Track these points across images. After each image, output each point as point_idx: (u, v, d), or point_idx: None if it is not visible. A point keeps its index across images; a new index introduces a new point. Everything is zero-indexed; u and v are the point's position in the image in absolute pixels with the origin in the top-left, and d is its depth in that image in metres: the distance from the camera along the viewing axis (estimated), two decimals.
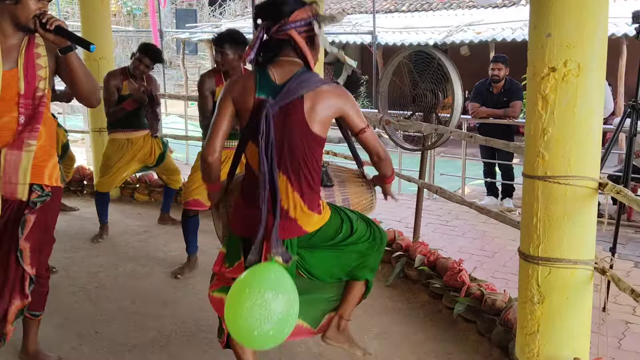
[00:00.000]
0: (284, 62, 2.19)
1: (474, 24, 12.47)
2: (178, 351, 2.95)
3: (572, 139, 2.20)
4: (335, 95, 2.20)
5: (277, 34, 2.16)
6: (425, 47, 4.27)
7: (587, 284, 2.31)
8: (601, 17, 2.15)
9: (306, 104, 2.15)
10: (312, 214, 2.25)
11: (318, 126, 2.18)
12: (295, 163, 2.20)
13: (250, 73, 2.23)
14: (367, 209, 2.77)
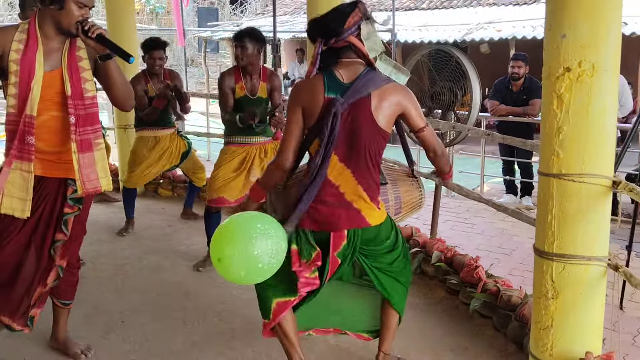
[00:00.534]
0: (347, 64, 2.32)
1: (494, 21, 12.42)
2: (201, 340, 3.06)
3: (587, 137, 2.24)
4: (399, 93, 2.32)
5: (336, 43, 2.29)
6: (443, 46, 4.33)
7: (601, 280, 2.36)
8: (615, 19, 2.19)
9: (373, 101, 2.26)
10: (374, 207, 2.38)
11: (384, 121, 2.29)
12: (361, 157, 2.31)
13: (318, 75, 2.33)
14: (416, 207, 2.93)
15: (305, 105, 2.32)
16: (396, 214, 2.83)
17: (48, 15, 2.40)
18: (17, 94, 2.40)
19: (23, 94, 2.39)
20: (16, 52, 2.38)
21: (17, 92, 2.40)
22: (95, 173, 2.55)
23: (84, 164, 2.49)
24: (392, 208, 2.79)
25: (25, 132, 2.41)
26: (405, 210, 2.89)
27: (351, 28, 2.27)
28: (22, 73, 2.38)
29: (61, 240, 2.58)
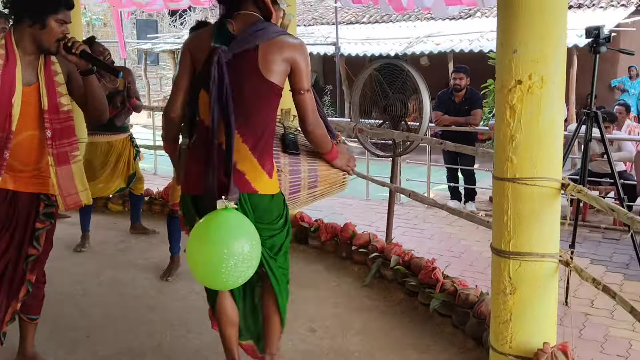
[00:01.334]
0: (243, 15, 2.20)
1: (433, 35, 12.90)
2: (171, 353, 3.07)
3: (538, 144, 2.44)
4: (293, 47, 2.17)
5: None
6: (394, 59, 4.52)
7: (554, 276, 2.55)
8: (561, 35, 2.40)
9: (260, 52, 2.13)
10: (263, 172, 2.19)
11: (273, 75, 2.14)
12: (246, 113, 2.15)
13: (209, 26, 2.26)
14: (336, 185, 2.68)
15: (193, 54, 2.23)
16: (311, 187, 2.59)
17: (26, 33, 2.40)
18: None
19: (3, 109, 2.37)
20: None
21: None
22: (74, 187, 2.56)
23: (61, 176, 2.49)
24: (305, 180, 2.56)
25: (2, 147, 2.38)
26: (322, 185, 2.64)
27: None
28: (3, 88, 2.36)
29: (33, 255, 2.57)
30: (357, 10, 15.95)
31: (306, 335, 3.27)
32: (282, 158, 2.47)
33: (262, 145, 2.19)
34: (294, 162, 2.51)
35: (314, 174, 2.55)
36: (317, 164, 2.57)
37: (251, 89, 2.14)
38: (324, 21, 16.14)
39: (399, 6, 7.17)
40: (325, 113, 2.63)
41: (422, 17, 14.70)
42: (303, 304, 3.67)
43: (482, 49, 11.28)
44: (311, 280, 4.08)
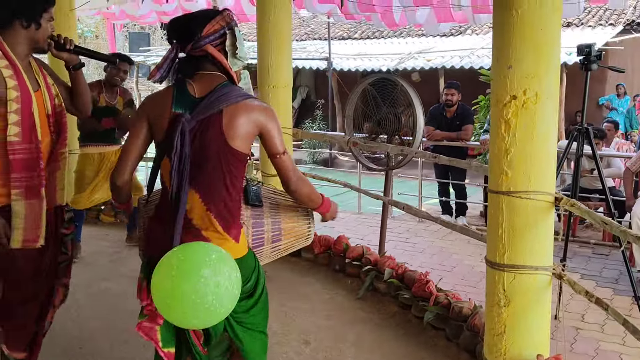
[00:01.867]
0: (204, 76, 2.08)
1: (424, 51, 13.04)
2: None
3: (532, 158, 2.48)
4: (259, 110, 2.07)
5: (193, 50, 2.06)
6: (388, 74, 4.58)
7: (547, 288, 2.59)
8: (555, 52, 2.46)
9: (225, 118, 2.01)
10: (228, 238, 2.07)
11: (238, 141, 2.03)
12: (209, 180, 2.05)
13: (168, 88, 2.10)
14: (302, 238, 2.57)
15: (152, 119, 2.08)
16: (274, 242, 2.49)
17: (20, 36, 2.34)
18: (20, 121, 2.32)
19: (27, 120, 2.33)
20: (11, 78, 2.30)
21: (20, 118, 2.32)
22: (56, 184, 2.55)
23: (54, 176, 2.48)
24: (269, 233, 2.45)
25: (38, 159, 2.36)
26: (287, 239, 2.52)
27: (209, 36, 2.05)
28: (23, 98, 2.31)
29: (65, 261, 2.60)
30: (349, 26, 16.10)
31: (300, 347, 3.28)
32: (244, 210, 2.35)
33: (226, 213, 2.08)
34: (257, 215, 2.42)
35: (278, 226, 2.45)
36: (280, 216, 2.49)
37: (215, 156, 2.03)
38: (317, 36, 16.28)
39: (391, 22, 7.28)
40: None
41: (413, 33, 14.87)
42: (296, 316, 3.68)
43: (472, 66, 11.40)
44: (304, 292, 4.09)
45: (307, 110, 15.50)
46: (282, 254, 2.61)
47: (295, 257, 4.72)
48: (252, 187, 2.40)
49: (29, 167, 2.37)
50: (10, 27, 2.34)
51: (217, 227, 2.05)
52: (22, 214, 2.35)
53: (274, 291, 3.76)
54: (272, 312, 3.61)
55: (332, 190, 8.98)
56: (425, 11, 6.86)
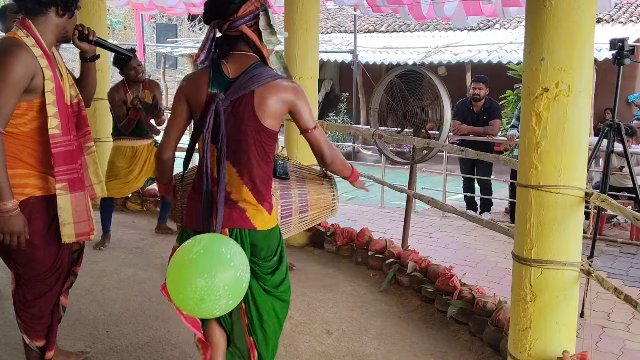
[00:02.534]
0: (238, 56, 2.19)
1: (452, 45, 12.91)
2: (189, 349, 3.10)
3: (563, 152, 2.45)
4: (288, 90, 2.18)
5: (228, 30, 2.15)
6: (416, 67, 4.54)
7: (575, 284, 2.55)
8: (588, 45, 2.42)
9: (256, 98, 2.14)
10: (262, 210, 2.23)
11: (269, 120, 2.17)
12: (245, 156, 2.18)
13: (205, 68, 2.22)
14: (327, 209, 2.72)
15: (190, 98, 2.21)
16: (302, 212, 2.66)
17: (51, 24, 2.33)
18: (58, 113, 2.32)
19: (64, 111, 2.34)
20: (47, 69, 2.29)
21: (57, 110, 2.31)
22: (88, 179, 2.58)
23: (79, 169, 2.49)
24: (296, 204, 2.63)
25: (78, 150, 2.38)
26: (313, 210, 2.70)
27: (245, 17, 2.14)
28: (58, 90, 2.32)
29: (77, 250, 2.63)
30: (375, 19, 16.02)
31: (323, 337, 3.29)
32: (273, 183, 2.46)
33: (259, 186, 2.22)
34: (285, 187, 2.60)
35: (304, 198, 2.62)
36: (306, 189, 2.64)
37: (248, 134, 2.17)
38: (342, 29, 16.22)
39: (419, 15, 7.22)
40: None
41: (440, 27, 14.73)
42: (319, 307, 3.69)
43: (500, 60, 11.27)
44: (327, 284, 4.10)
45: (331, 104, 15.48)
46: (309, 225, 2.75)
47: (318, 249, 4.74)
48: (279, 162, 2.55)
49: (71, 159, 2.38)
50: (43, 14, 2.31)
51: (252, 199, 2.20)
52: (69, 208, 2.37)
53: (297, 282, 3.78)
54: (295, 302, 3.64)
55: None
56: (454, 4, 6.79)
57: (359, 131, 4.92)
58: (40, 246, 2.41)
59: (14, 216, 2.23)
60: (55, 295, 2.55)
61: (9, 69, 2.17)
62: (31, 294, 2.50)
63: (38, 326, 2.56)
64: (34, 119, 2.32)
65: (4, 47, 2.23)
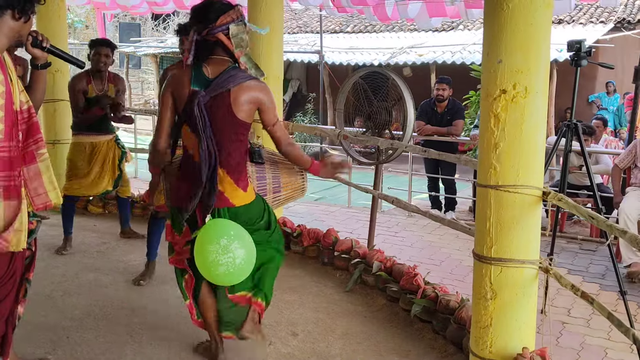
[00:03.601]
0: (216, 60, 2.58)
1: (416, 46, 13.03)
2: (152, 353, 3.06)
3: (520, 152, 2.50)
4: (257, 89, 2.60)
5: (207, 36, 2.54)
6: (379, 68, 4.57)
7: (534, 281, 2.61)
8: (545, 47, 2.47)
9: (232, 95, 2.53)
10: (238, 189, 2.66)
11: (242, 113, 2.57)
12: (222, 144, 2.57)
13: (187, 69, 2.60)
14: (298, 190, 3.16)
15: (175, 93, 2.61)
16: (275, 192, 3.08)
17: (6, 28, 2.25)
18: (4, 118, 2.23)
19: (10, 116, 2.26)
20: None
21: (4, 115, 2.23)
22: (42, 186, 2.47)
23: (29, 177, 2.40)
24: (270, 185, 3.06)
25: (19, 157, 2.29)
26: (285, 191, 3.12)
27: (222, 26, 2.53)
28: (7, 94, 2.24)
29: (29, 256, 2.54)
30: (341, 20, 16.07)
31: (288, 339, 3.28)
32: (249, 167, 2.91)
33: (235, 169, 2.65)
34: (260, 170, 3.02)
35: (277, 180, 3.04)
36: (279, 172, 3.08)
37: (226, 125, 2.56)
38: (308, 29, 16.22)
39: (383, 16, 7.27)
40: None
41: (405, 28, 14.86)
42: (285, 308, 3.68)
43: (464, 61, 11.42)
44: (293, 285, 4.09)
45: (298, 104, 15.47)
46: (282, 204, 3.25)
47: (284, 250, 4.72)
48: (255, 149, 3.00)
49: (10, 167, 2.28)
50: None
51: (229, 180, 2.63)
52: (1, 216, 2.26)
53: None
54: None
55: (323, 184, 8.99)
56: (417, 5, 6.86)
57: (325, 132, 4.94)
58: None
59: None
60: (9, 303, 2.46)
61: None
62: None
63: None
64: None
65: None
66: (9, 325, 2.50)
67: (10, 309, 2.48)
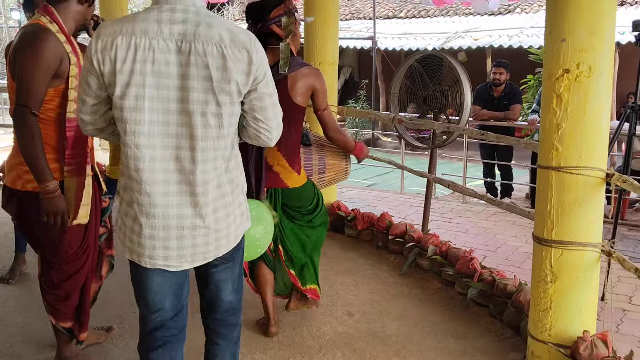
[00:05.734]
0: (272, 49, 2.71)
1: (472, 30, 12.79)
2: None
3: (583, 133, 2.45)
4: (311, 75, 2.81)
5: (262, 29, 2.71)
6: (436, 51, 4.53)
7: (595, 265, 2.56)
8: (609, 25, 2.41)
9: (289, 81, 2.74)
10: (292, 172, 2.85)
11: (299, 98, 2.77)
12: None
13: None
14: (341, 172, 3.32)
15: None
16: (320, 173, 3.27)
17: (72, 12, 2.38)
18: (76, 98, 2.33)
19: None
20: (72, 54, 2.34)
21: (76, 95, 2.33)
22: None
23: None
24: (316, 167, 3.23)
25: (87, 136, 2.42)
26: (330, 173, 3.30)
27: (275, 19, 2.71)
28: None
29: (105, 233, 2.69)
30: (394, 5, 15.91)
31: (344, 318, 3.34)
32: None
33: (291, 152, 2.83)
34: (307, 152, 3.18)
35: (323, 162, 3.20)
36: (324, 155, 3.24)
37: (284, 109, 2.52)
38: (361, 15, 16.13)
39: (439, 0, 7.17)
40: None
41: (460, 12, 14.59)
42: (340, 289, 3.74)
43: (521, 45, 11.15)
44: (348, 267, 4.14)
45: (350, 91, 15.44)
46: (326, 185, 3.39)
47: (339, 234, 4.78)
48: (303, 132, 3.05)
49: (81, 145, 2.43)
50: (64, 1, 2.37)
51: (284, 163, 2.82)
52: (73, 191, 2.41)
53: None
54: None
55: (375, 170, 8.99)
56: None
57: (379, 116, 4.94)
58: (68, 228, 2.46)
59: (56, 197, 2.31)
60: (82, 277, 2.60)
61: (41, 53, 2.22)
62: (57, 276, 2.55)
63: (64, 308, 2.61)
64: (59, 106, 2.37)
65: (33, 32, 2.28)
66: (85, 298, 2.64)
67: (83, 283, 2.62)
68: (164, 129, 1.75)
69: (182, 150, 1.77)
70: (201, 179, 1.78)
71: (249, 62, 1.77)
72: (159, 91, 1.73)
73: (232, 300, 2.07)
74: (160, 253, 1.82)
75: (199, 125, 1.75)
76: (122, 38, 1.71)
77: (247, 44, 1.78)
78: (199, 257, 1.87)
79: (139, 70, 1.71)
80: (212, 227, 1.84)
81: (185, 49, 1.72)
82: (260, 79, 1.83)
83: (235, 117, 1.84)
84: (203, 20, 1.76)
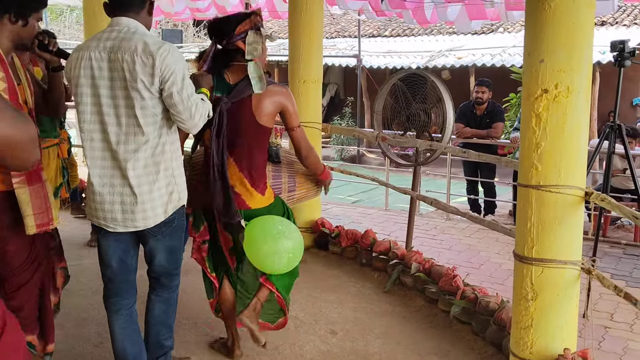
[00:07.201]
0: (236, 67, 2.65)
1: (455, 49, 12.95)
2: (193, 346, 3.14)
3: (562, 152, 2.48)
4: (279, 94, 2.69)
5: (227, 45, 2.62)
6: (418, 70, 4.58)
7: (575, 282, 2.58)
8: (587, 46, 2.45)
9: (254, 101, 2.62)
10: (255, 193, 2.73)
11: (264, 118, 2.65)
12: (243, 149, 2.66)
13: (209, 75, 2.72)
14: (312, 190, 3.22)
15: None
16: (290, 191, 3.17)
17: (6, 30, 2.37)
18: None
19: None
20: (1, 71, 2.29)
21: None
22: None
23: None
24: (285, 184, 3.13)
25: None
26: (300, 190, 3.19)
27: (241, 34, 2.60)
28: (11, 90, 2.31)
29: (55, 247, 2.66)
30: (379, 24, 16.07)
31: (327, 337, 3.32)
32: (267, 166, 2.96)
33: (254, 173, 2.72)
34: (276, 169, 3.08)
35: (292, 179, 3.10)
36: (295, 171, 3.13)
37: (247, 130, 2.63)
38: (347, 34, 16.29)
39: (423, 19, 7.26)
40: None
41: (444, 31, 14.78)
42: (324, 307, 3.73)
43: (504, 64, 11.30)
44: (331, 285, 4.13)
45: (335, 108, 15.53)
46: (296, 203, 3.27)
47: (323, 251, 4.77)
48: (272, 148, 3.03)
49: None
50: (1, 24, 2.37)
51: (246, 184, 2.72)
52: (28, 200, 2.37)
53: (302, 283, 3.81)
54: (300, 302, 3.68)
55: (360, 186, 9.01)
56: (457, 8, 6.83)
57: (363, 134, 4.97)
58: (11, 241, 2.42)
59: None
60: (33, 288, 2.54)
61: None
62: (8, 287, 2.50)
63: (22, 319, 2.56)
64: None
65: None
66: (46, 310, 2.58)
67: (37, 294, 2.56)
68: (99, 117, 2.31)
69: (112, 134, 2.30)
70: (124, 157, 2.30)
71: (152, 66, 2.22)
72: (93, 89, 2.31)
73: (164, 266, 2.54)
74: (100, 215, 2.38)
75: (122, 114, 2.29)
76: (77, 52, 2.34)
77: (154, 52, 2.22)
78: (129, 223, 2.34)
79: (82, 74, 2.32)
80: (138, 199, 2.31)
81: (113, 57, 2.26)
82: (167, 79, 2.24)
83: (149, 110, 2.28)
84: (127, 36, 2.28)
